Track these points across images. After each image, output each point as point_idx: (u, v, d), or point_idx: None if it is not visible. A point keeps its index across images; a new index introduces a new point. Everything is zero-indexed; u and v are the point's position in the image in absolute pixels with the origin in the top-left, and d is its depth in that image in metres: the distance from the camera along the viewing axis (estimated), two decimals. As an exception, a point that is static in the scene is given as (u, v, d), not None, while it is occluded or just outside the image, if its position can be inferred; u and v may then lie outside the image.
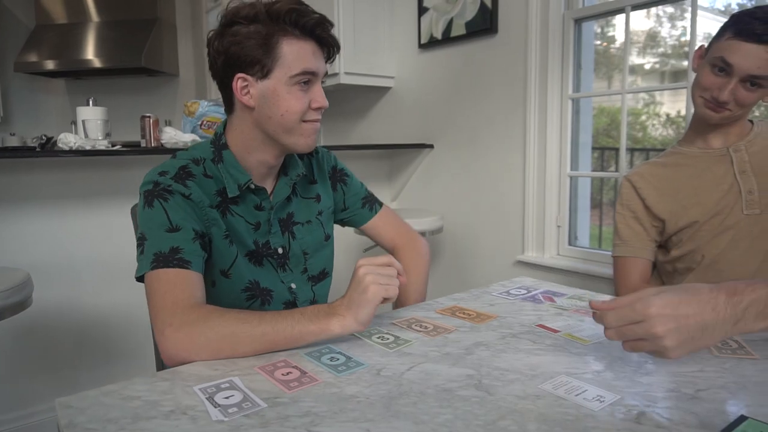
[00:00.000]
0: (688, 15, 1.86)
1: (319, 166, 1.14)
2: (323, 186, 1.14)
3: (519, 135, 2.29)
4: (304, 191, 1.10)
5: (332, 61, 1.00)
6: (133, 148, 1.98)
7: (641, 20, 2.15)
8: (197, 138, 2.08)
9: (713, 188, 1.22)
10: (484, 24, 2.39)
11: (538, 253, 2.26)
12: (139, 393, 0.67)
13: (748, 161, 1.20)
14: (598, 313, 0.71)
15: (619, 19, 2.13)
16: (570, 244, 2.22)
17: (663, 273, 1.31)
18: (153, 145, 2.06)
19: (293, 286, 1.05)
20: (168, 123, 2.83)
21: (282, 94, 0.93)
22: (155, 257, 0.85)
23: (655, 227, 1.29)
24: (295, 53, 0.92)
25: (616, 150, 2.09)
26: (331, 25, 0.96)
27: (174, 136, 2.08)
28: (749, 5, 1.76)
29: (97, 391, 0.67)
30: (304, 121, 0.96)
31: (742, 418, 0.58)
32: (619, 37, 2.11)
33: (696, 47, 1.27)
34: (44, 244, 1.92)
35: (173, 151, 1.54)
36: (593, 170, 2.25)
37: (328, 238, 1.14)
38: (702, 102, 1.20)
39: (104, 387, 0.68)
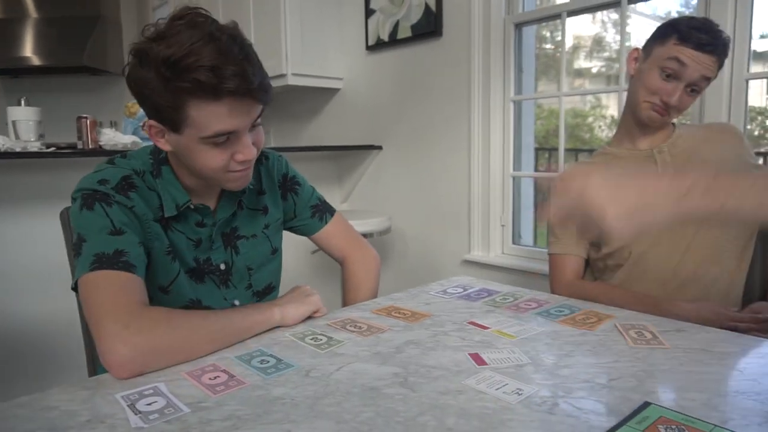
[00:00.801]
0: (631, 21, 1.94)
1: (269, 174, 1.10)
2: (272, 196, 1.10)
3: (464, 136, 2.33)
4: (251, 202, 1.06)
5: (267, 103, 0.87)
6: (67, 151, 1.91)
7: (588, 25, 2.24)
8: (137, 140, 2.03)
9: (639, 187, 1.28)
10: (429, 27, 2.42)
11: (483, 252, 2.31)
12: (58, 403, 0.65)
13: (670, 162, 1.27)
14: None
15: (566, 24, 2.21)
16: (514, 242, 2.28)
17: (595, 269, 1.37)
18: (90, 147, 1.99)
19: (236, 302, 1.03)
20: (113, 124, 2.74)
21: (196, 151, 0.85)
22: (97, 258, 0.80)
23: None
24: (204, 117, 0.80)
25: (568, 150, 2.16)
26: (262, 75, 0.83)
27: (113, 137, 2.03)
28: (687, 12, 1.85)
29: (11, 403, 0.65)
30: (228, 172, 0.88)
31: (645, 404, 0.61)
32: (567, 41, 2.17)
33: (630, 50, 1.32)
34: (-27, 251, 1.83)
35: (111, 153, 1.49)
36: (537, 170, 2.32)
37: (276, 251, 1.11)
38: (649, 106, 1.24)
39: (18, 399, 0.66)
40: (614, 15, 2.15)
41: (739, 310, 1.12)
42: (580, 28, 2.17)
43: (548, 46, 2.42)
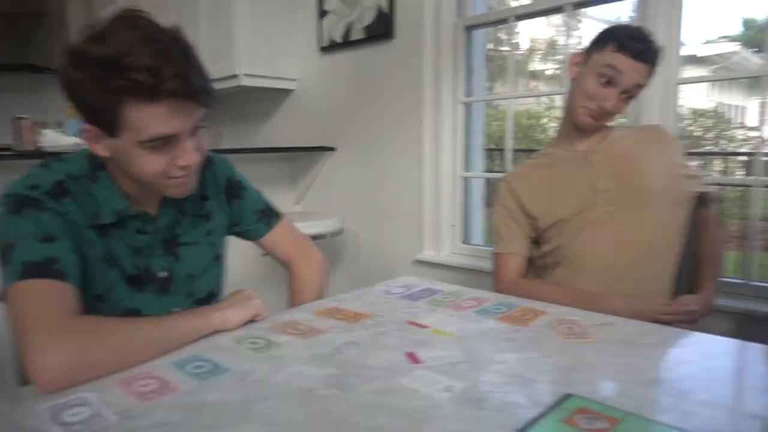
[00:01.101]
0: (582, 25, 2.01)
1: (214, 178, 1.07)
2: (216, 202, 1.08)
3: (415, 138, 2.36)
4: (194, 208, 1.03)
5: (209, 106, 0.86)
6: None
7: (543, 29, 2.30)
8: (80, 142, 1.97)
9: (576, 188, 1.32)
10: (382, 29, 2.44)
11: (434, 252, 2.35)
12: (-22, 416, 0.63)
13: (605, 163, 1.32)
14: None
15: (522, 27, 2.26)
16: (464, 242, 2.32)
17: (537, 267, 1.41)
18: (29, 149, 1.92)
19: (176, 311, 1.00)
20: (59, 125, 2.65)
21: (134, 156, 0.82)
22: (25, 266, 0.77)
23: (530, 225, 1.38)
24: (142, 119, 0.78)
25: (522, 151, 2.22)
26: (204, 77, 0.82)
27: (55, 139, 1.96)
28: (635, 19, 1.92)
29: (-74, 418, 0.62)
30: (169, 178, 0.86)
31: (567, 396, 0.64)
32: (523, 44, 2.23)
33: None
34: None
35: (46, 156, 1.44)
36: (487, 171, 2.37)
37: (218, 257, 1.09)
38: (585, 111, 1.29)
39: (-66, 413, 0.63)
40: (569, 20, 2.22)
41: (668, 304, 1.18)
42: (536, 31, 2.23)
43: (504, 48, 2.47)
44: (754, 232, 1.66)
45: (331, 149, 2.77)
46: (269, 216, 1.17)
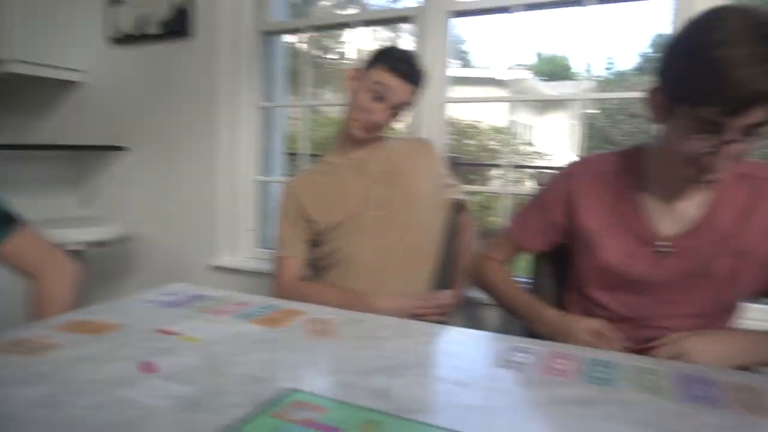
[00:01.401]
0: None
1: None
2: None
3: (210, 141, 2.29)
4: None
5: None
6: None
7: (369, 40, 2.39)
8: None
9: (352, 193, 1.40)
10: (178, 26, 2.33)
11: (231, 257, 2.30)
12: None
13: (375, 171, 1.42)
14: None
15: (347, 36, 2.31)
16: (263, 247, 2.32)
17: (316, 269, 1.46)
18: None
19: None
20: None
21: None
22: None
23: (309, 227, 1.42)
24: None
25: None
26: None
27: None
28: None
29: None
30: None
31: (289, 391, 0.67)
32: (351, 53, 2.28)
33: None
34: None
35: None
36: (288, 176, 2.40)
37: None
38: (357, 124, 1.37)
39: None
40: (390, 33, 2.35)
41: (423, 299, 1.31)
42: (362, 41, 2.32)
43: (331, 56, 2.52)
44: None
45: (124, 149, 2.56)
46: (8, 221, 1.04)
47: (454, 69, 1.96)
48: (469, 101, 2.77)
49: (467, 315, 1.78)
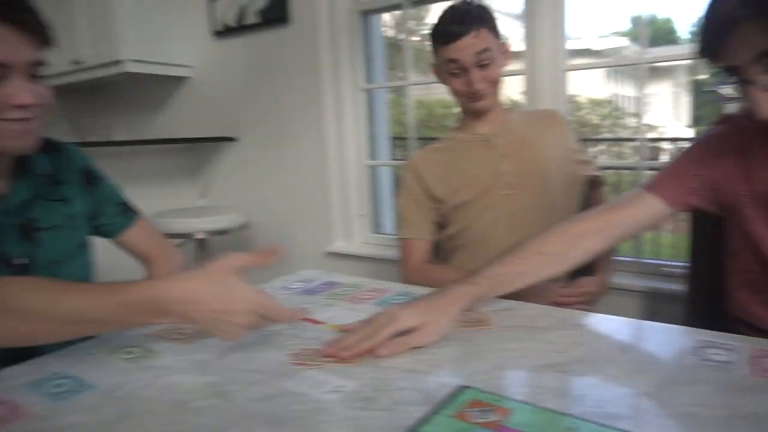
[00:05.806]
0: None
1: (69, 164, 1.01)
2: (73, 188, 1.01)
3: (317, 127, 2.29)
4: (48, 192, 0.96)
5: (49, 47, 0.83)
6: None
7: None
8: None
9: (478, 170, 1.32)
10: (277, 13, 2.33)
11: (345, 243, 2.30)
12: None
13: (503, 145, 1.32)
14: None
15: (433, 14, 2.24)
16: (375, 231, 2.30)
17: (442, 251, 1.40)
18: None
19: None
20: None
21: None
22: None
23: (434, 208, 1.36)
24: None
25: (429, 139, 2.19)
26: (37, 13, 0.80)
27: None
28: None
29: None
30: (4, 120, 0.79)
31: (460, 388, 0.61)
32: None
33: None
34: None
35: None
36: (395, 159, 2.35)
37: (84, 245, 1.02)
38: (464, 101, 1.31)
39: None
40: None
41: (565, 286, 1.20)
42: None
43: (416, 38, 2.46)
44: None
45: (234, 139, 2.64)
46: (128, 210, 1.12)
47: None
48: (588, 68, 2.49)
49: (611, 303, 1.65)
